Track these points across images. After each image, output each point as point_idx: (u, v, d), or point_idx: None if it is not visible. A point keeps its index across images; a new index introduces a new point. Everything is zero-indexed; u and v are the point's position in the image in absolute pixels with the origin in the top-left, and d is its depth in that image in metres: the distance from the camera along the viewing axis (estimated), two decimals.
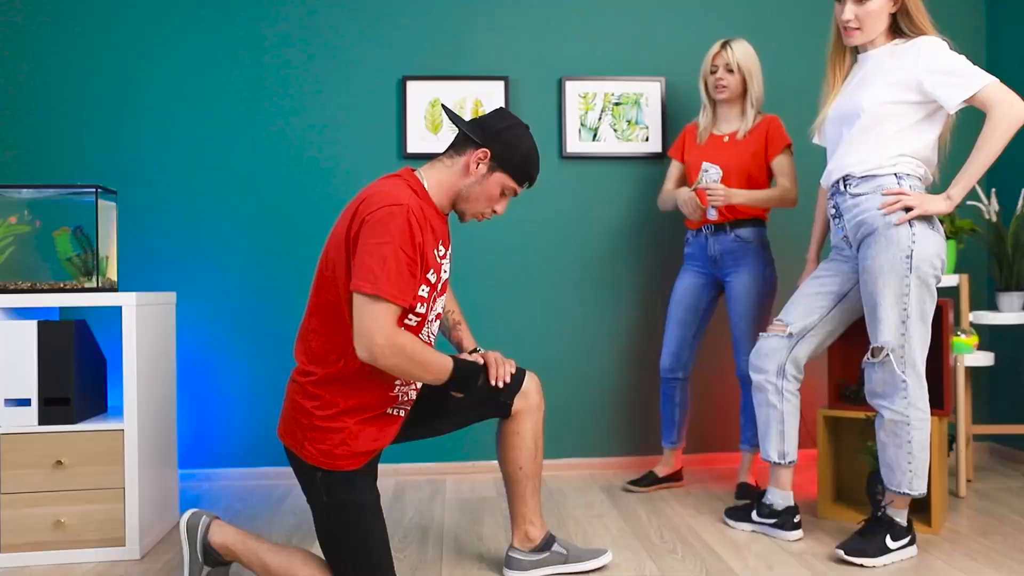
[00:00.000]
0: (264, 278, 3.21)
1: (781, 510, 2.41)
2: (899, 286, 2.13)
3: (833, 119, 2.33)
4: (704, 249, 2.87)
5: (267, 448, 3.21)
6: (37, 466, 2.27)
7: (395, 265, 1.67)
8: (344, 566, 1.77)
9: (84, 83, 3.16)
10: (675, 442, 2.99)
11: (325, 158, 3.24)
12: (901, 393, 2.17)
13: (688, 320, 2.91)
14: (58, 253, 2.48)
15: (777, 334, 2.41)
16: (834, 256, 2.41)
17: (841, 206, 2.29)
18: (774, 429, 2.43)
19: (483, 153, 1.86)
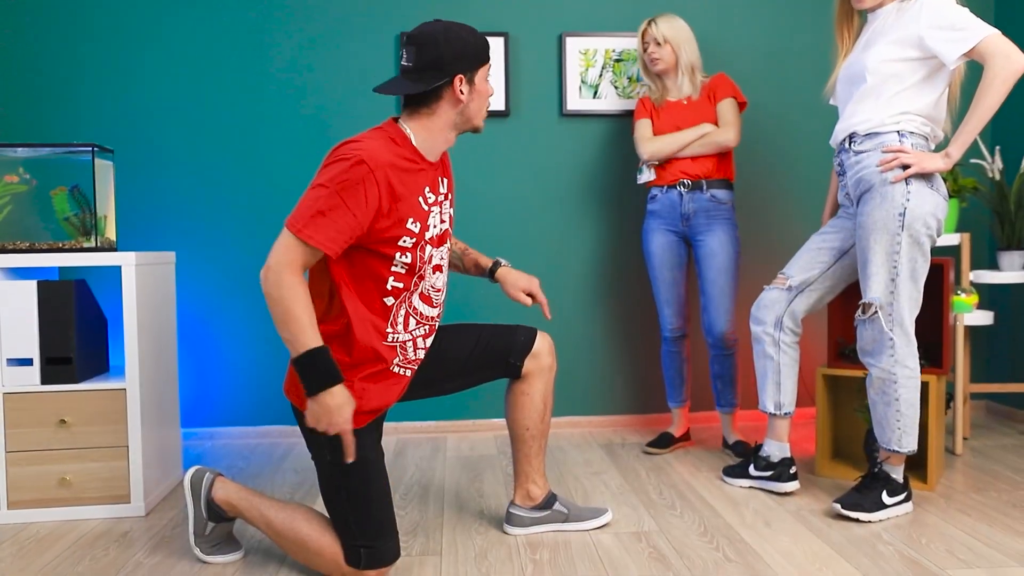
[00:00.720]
0: (263, 236, 3.20)
1: (777, 462, 2.44)
2: (890, 243, 2.14)
3: (842, 80, 2.34)
4: (676, 206, 2.86)
5: (268, 407, 3.23)
6: (41, 424, 2.29)
7: (325, 208, 1.63)
8: (346, 522, 1.79)
9: (81, 40, 3.12)
10: (685, 400, 3.01)
11: (324, 117, 3.21)
12: (888, 351, 2.19)
13: (678, 279, 2.92)
14: (56, 213, 2.47)
15: (777, 287, 2.43)
16: (840, 213, 2.43)
17: (845, 163, 2.30)
18: (770, 380, 2.45)
19: (459, 80, 1.78)
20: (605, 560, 1.95)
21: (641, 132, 2.88)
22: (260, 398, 3.23)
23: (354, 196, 1.66)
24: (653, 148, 2.83)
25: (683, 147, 2.80)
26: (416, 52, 1.75)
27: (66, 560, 2.01)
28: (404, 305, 1.84)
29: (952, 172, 3.00)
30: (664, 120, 2.86)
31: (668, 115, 2.86)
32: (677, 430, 3.00)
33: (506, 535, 2.13)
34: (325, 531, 1.83)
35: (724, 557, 1.96)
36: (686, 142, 2.80)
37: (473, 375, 2.04)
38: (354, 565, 1.79)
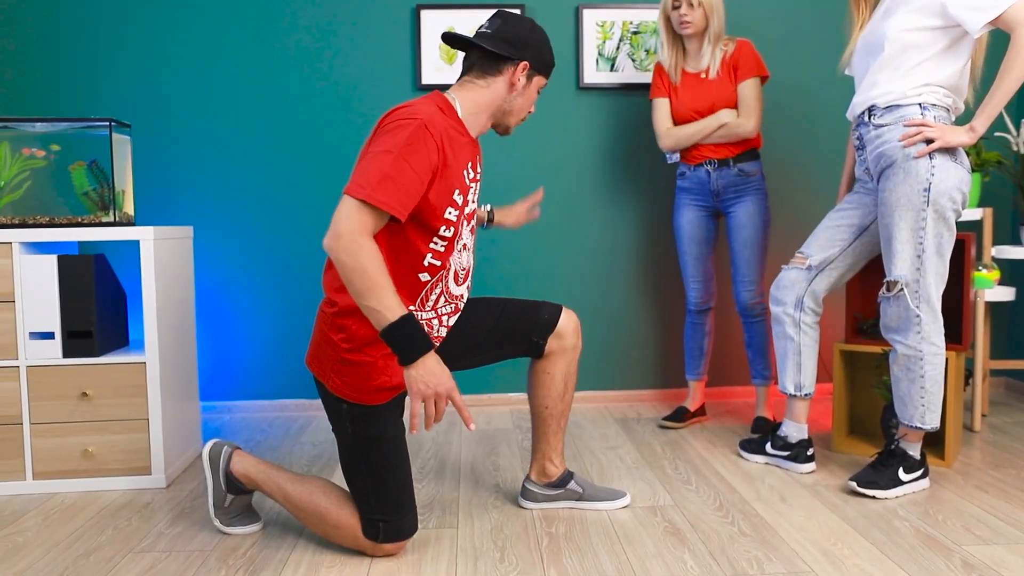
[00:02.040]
0: (281, 210, 3.21)
1: (795, 443, 2.44)
2: (915, 219, 2.11)
3: (860, 51, 2.28)
4: (705, 183, 2.84)
5: (286, 380, 3.26)
6: (63, 397, 2.32)
7: (392, 172, 1.60)
8: (365, 495, 1.81)
9: (98, 15, 3.11)
10: (702, 374, 3.01)
11: (340, 89, 3.20)
12: (915, 328, 2.16)
13: (705, 254, 2.91)
14: (75, 188, 2.48)
15: (797, 266, 2.40)
16: (858, 189, 2.38)
17: (864, 137, 2.25)
18: (791, 361, 2.43)
19: (523, 66, 1.83)
20: (620, 534, 1.97)
21: (659, 121, 2.85)
22: (277, 371, 3.25)
23: (418, 158, 1.64)
24: (671, 142, 2.82)
25: (702, 139, 2.78)
26: (501, 23, 1.82)
27: (90, 529, 2.04)
28: (440, 283, 1.83)
29: (976, 146, 2.95)
30: (682, 100, 2.81)
31: (686, 94, 2.80)
32: (692, 404, 3.01)
33: (522, 509, 2.14)
34: (343, 504, 1.85)
35: (739, 532, 1.97)
36: (704, 134, 2.76)
37: (494, 351, 2.03)
38: (372, 538, 1.81)
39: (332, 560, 1.84)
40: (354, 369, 1.77)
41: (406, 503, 1.83)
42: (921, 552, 1.83)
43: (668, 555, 1.84)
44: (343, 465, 1.84)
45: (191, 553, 1.89)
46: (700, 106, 2.78)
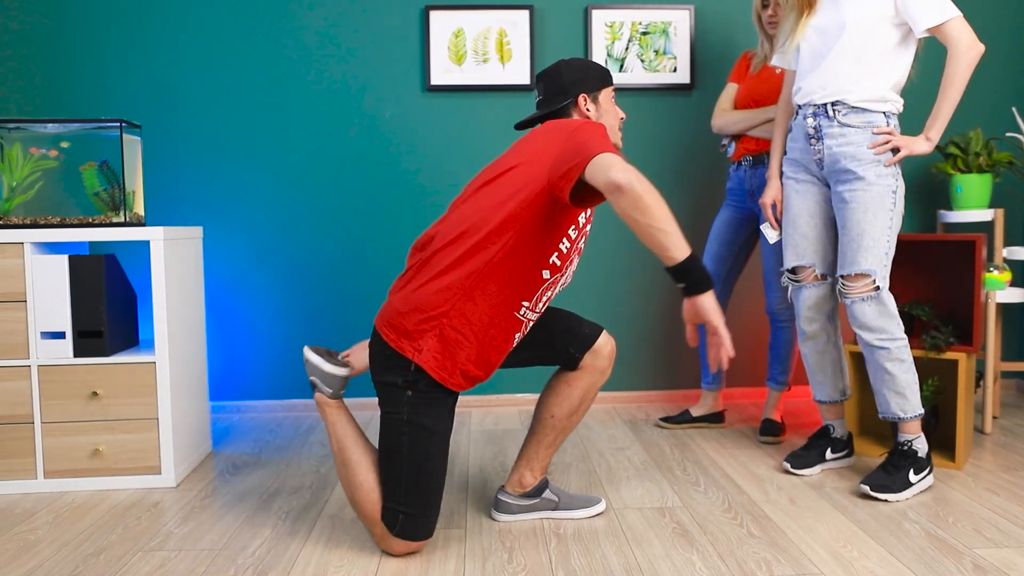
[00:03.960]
0: (290, 211, 3.22)
1: (847, 439, 2.49)
2: (887, 218, 2.20)
3: (813, 38, 2.29)
4: (742, 182, 2.83)
5: (295, 380, 3.27)
6: (74, 396, 2.33)
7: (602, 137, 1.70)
8: (397, 484, 1.80)
9: (107, 16, 3.13)
10: (711, 383, 2.97)
11: (349, 89, 3.20)
12: (895, 320, 2.21)
13: (723, 255, 2.89)
14: (85, 188, 2.50)
15: (814, 283, 2.39)
16: (801, 176, 2.38)
17: (824, 129, 2.27)
18: (834, 370, 2.46)
19: (582, 98, 1.97)
20: (629, 535, 1.96)
21: (720, 101, 2.87)
22: (287, 372, 3.26)
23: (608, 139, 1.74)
24: (720, 123, 2.84)
25: (748, 128, 2.77)
26: (544, 86, 2.00)
27: (100, 528, 2.05)
28: (552, 289, 1.87)
29: (987, 146, 2.94)
30: (749, 87, 2.82)
31: (755, 83, 2.81)
32: (698, 410, 2.97)
33: None
34: (377, 487, 1.86)
35: (748, 533, 1.96)
36: (752, 123, 2.76)
37: (530, 353, 2.02)
38: (388, 527, 1.82)
39: (340, 560, 1.85)
40: (452, 347, 1.77)
41: (433, 505, 1.83)
42: (931, 555, 1.82)
43: (676, 556, 1.84)
44: (382, 448, 1.83)
45: (200, 552, 1.90)
46: (758, 95, 2.78)
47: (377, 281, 3.26)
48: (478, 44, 3.18)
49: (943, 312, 2.68)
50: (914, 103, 3.33)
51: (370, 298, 3.26)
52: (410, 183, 3.24)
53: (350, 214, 3.23)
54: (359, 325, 3.26)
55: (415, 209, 3.25)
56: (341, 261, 3.25)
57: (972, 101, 3.36)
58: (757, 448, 2.69)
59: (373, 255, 3.25)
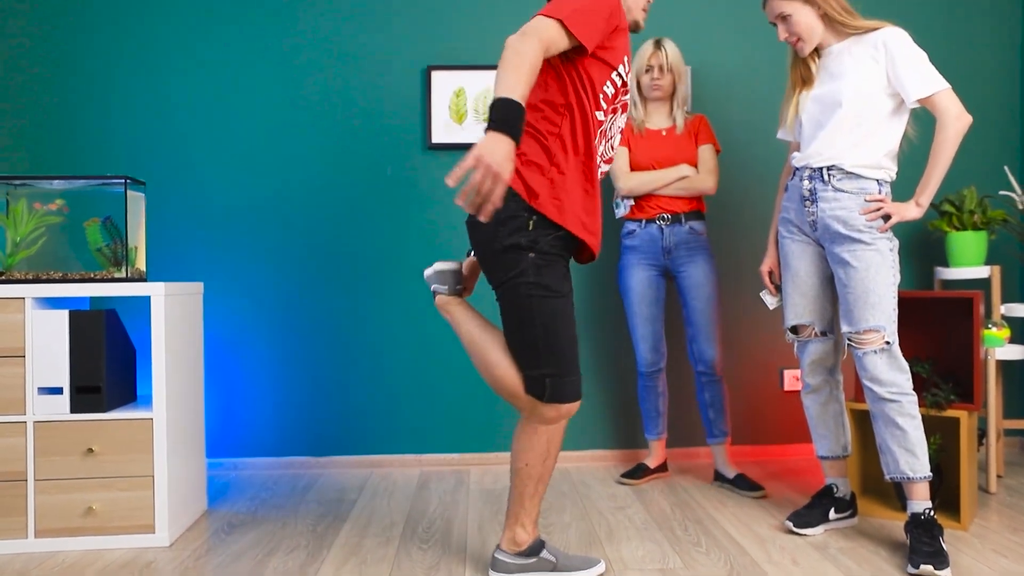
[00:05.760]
0: (291, 268, 3.24)
1: (851, 499, 2.47)
2: (889, 275, 2.23)
3: (813, 108, 2.35)
4: (657, 241, 2.87)
5: (292, 437, 3.24)
6: (69, 453, 2.31)
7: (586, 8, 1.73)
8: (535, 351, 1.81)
9: (113, 74, 3.20)
10: (661, 432, 3.02)
11: (350, 148, 3.25)
12: (906, 375, 2.21)
13: (656, 314, 2.93)
14: (89, 244, 2.52)
15: (816, 339, 2.41)
16: (796, 237, 2.41)
17: (819, 193, 2.31)
18: (836, 425, 2.47)
19: None
20: None
21: (619, 165, 2.88)
22: (284, 428, 3.24)
23: (608, 7, 1.78)
24: (631, 185, 2.85)
25: (662, 187, 2.84)
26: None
27: None
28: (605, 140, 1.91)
29: (981, 205, 2.97)
30: (643, 150, 2.88)
31: (648, 145, 2.88)
32: (652, 461, 3.03)
33: None
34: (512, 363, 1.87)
35: None
36: (665, 182, 2.83)
37: None
38: (536, 395, 1.82)
39: None
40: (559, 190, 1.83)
41: (574, 363, 1.85)
42: None
43: None
44: (511, 322, 1.84)
45: None
46: (661, 157, 2.86)
47: (377, 338, 3.26)
48: (479, 103, 3.25)
49: (943, 369, 2.68)
50: (907, 166, 3.38)
51: (370, 355, 3.26)
52: (411, 240, 3.26)
53: (350, 270, 3.25)
54: (359, 382, 3.25)
55: (416, 266, 3.27)
56: (341, 318, 3.25)
57: (966, 160, 3.41)
58: (759, 507, 2.66)
59: (373, 312, 3.26)
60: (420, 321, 3.27)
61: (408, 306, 3.27)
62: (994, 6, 3.42)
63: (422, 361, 3.28)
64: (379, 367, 3.27)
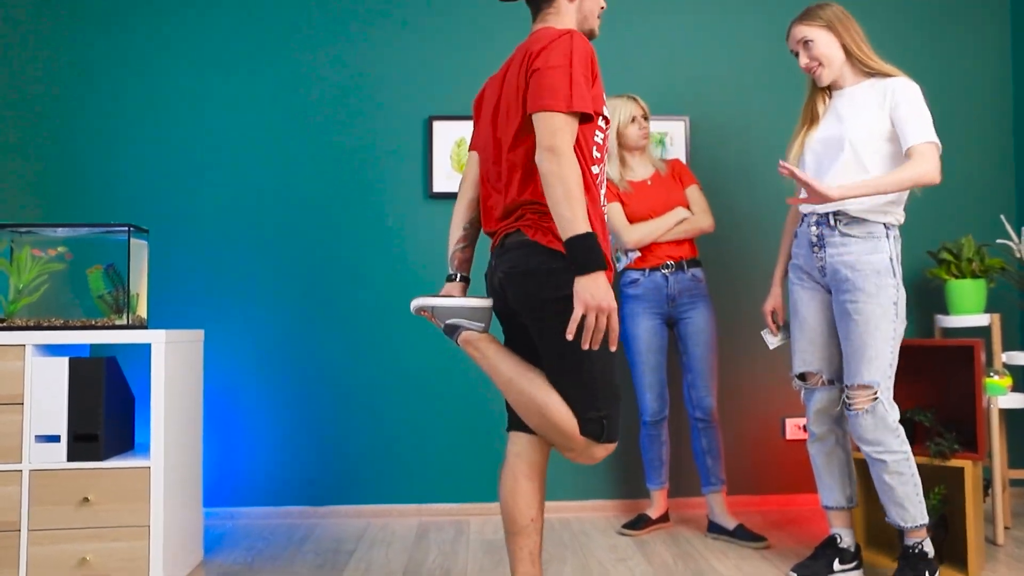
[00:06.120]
0: (290, 316, 3.24)
1: (856, 551, 2.43)
2: (889, 329, 2.22)
3: (816, 150, 2.38)
4: (662, 288, 2.89)
5: (289, 487, 3.20)
6: (64, 503, 2.28)
7: (574, 79, 1.73)
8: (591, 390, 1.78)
9: (117, 122, 3.25)
10: (663, 482, 2.99)
11: (352, 198, 3.28)
12: (895, 433, 2.21)
13: (660, 362, 2.93)
14: (91, 291, 2.53)
15: (822, 388, 2.40)
16: (805, 283, 2.42)
17: (826, 238, 2.32)
18: (841, 475, 2.44)
19: None
20: None
21: (618, 220, 2.90)
22: (282, 477, 3.21)
23: (586, 61, 1.78)
24: (638, 236, 2.87)
25: (665, 233, 2.87)
26: None
27: None
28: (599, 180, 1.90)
29: (979, 253, 2.99)
30: (637, 203, 2.91)
31: (639, 196, 2.92)
32: (654, 512, 2.99)
33: None
34: (566, 405, 1.81)
35: None
36: (667, 228, 2.87)
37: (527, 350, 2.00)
38: (594, 436, 1.79)
39: None
40: None
41: (620, 403, 1.84)
42: None
43: None
44: (567, 367, 1.80)
45: None
46: (655, 204, 2.89)
47: (375, 387, 3.24)
48: None
49: (945, 418, 2.66)
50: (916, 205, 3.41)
51: (368, 403, 3.24)
52: (411, 289, 3.28)
53: (350, 319, 3.26)
54: (357, 431, 3.23)
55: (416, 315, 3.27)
56: (339, 366, 3.24)
57: (962, 209, 3.44)
58: (761, 558, 2.62)
59: (372, 360, 3.25)
60: (419, 370, 3.27)
61: (407, 355, 3.27)
62: (986, 61, 3.48)
63: (421, 410, 3.26)
64: (377, 416, 3.25)
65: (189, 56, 3.28)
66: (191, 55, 3.28)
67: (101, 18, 3.26)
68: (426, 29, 3.33)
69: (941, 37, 3.48)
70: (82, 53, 3.25)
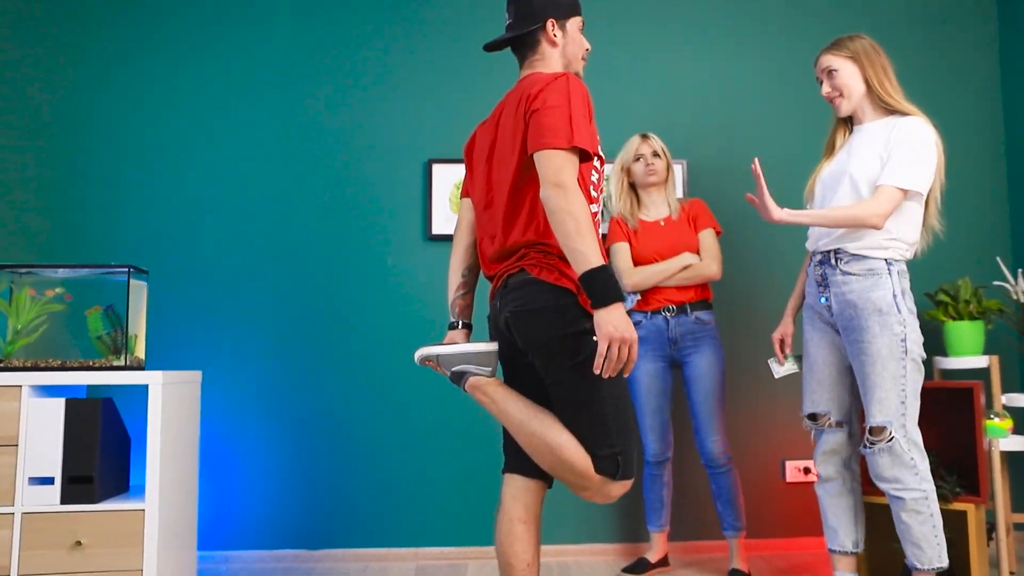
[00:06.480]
0: (288, 358, 3.23)
1: None
2: (896, 368, 2.19)
3: (824, 185, 2.40)
4: (663, 331, 2.87)
5: (284, 530, 3.16)
6: (56, 546, 2.25)
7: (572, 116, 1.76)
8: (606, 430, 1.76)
9: (118, 164, 3.28)
10: (663, 525, 2.95)
11: (352, 240, 3.30)
12: (912, 471, 2.17)
13: (662, 405, 2.90)
14: (89, 331, 2.52)
15: (831, 430, 2.38)
16: (816, 324, 2.42)
17: (829, 278, 2.32)
18: (847, 518, 2.40)
19: (551, 23, 1.97)
20: None
21: (622, 262, 2.90)
22: (277, 520, 3.17)
23: (583, 101, 1.80)
24: (637, 280, 2.86)
25: (667, 278, 2.84)
26: (514, 8, 2.00)
27: None
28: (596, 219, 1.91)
29: (976, 294, 3.00)
30: (643, 243, 2.90)
31: (647, 238, 2.90)
32: (654, 555, 2.94)
33: None
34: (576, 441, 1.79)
35: None
36: (670, 273, 2.83)
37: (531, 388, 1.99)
38: (609, 474, 1.76)
39: None
40: None
41: (634, 439, 1.82)
42: None
43: None
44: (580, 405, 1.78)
45: None
46: (662, 248, 2.86)
47: (372, 429, 3.23)
48: None
49: (946, 460, 2.65)
50: None
51: (365, 446, 3.22)
52: (410, 330, 3.28)
53: (347, 361, 3.25)
54: (354, 474, 3.20)
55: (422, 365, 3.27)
56: (337, 408, 3.23)
57: (959, 251, 3.46)
58: None
59: (371, 402, 3.24)
60: (417, 413, 3.25)
61: (405, 398, 3.25)
62: (979, 104, 3.53)
63: (418, 453, 3.24)
64: (374, 458, 3.22)
65: (190, 100, 3.32)
66: (192, 98, 3.32)
67: (102, 58, 3.32)
68: (426, 73, 3.39)
69: (933, 80, 3.53)
70: (84, 94, 3.30)
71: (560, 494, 3.26)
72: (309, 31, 3.38)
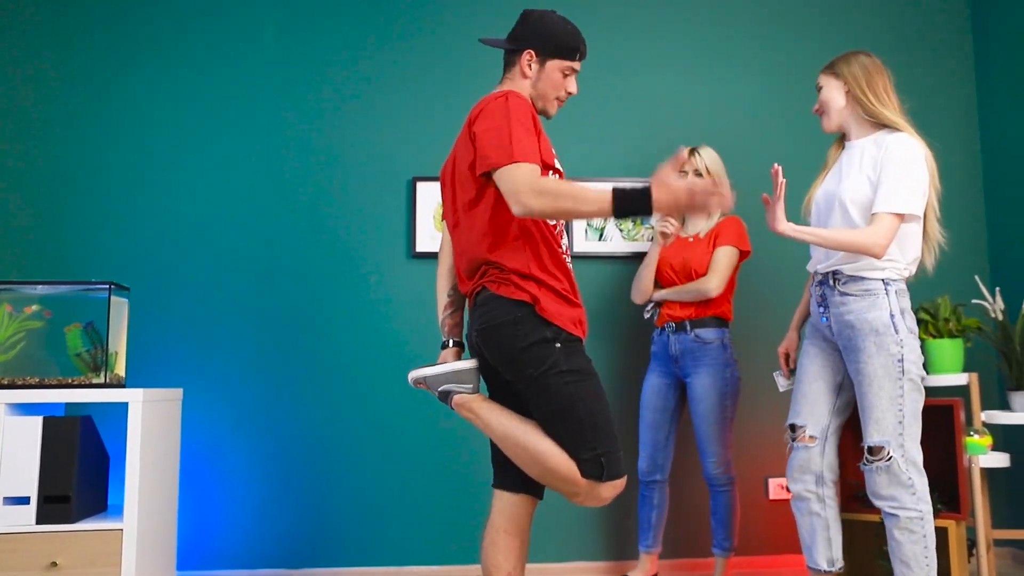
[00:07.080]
0: (271, 377, 3.21)
1: None
2: (893, 388, 2.19)
3: (819, 206, 2.41)
4: (666, 348, 2.89)
5: (266, 549, 3.13)
6: (30, 568, 2.22)
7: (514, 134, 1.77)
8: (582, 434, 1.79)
9: (99, 180, 3.26)
10: (651, 546, 2.93)
11: (335, 257, 3.30)
12: (910, 490, 2.17)
13: (659, 422, 2.89)
14: (68, 349, 2.50)
15: (804, 445, 2.38)
16: (816, 340, 2.42)
17: (829, 298, 2.33)
18: (820, 537, 2.38)
19: (528, 55, 1.97)
20: None
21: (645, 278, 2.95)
22: (258, 540, 3.13)
23: (525, 118, 1.82)
24: (634, 291, 2.96)
25: (669, 293, 2.87)
26: (517, 22, 2.02)
27: None
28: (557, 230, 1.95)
29: (955, 313, 3.03)
30: (665, 257, 2.93)
31: (670, 252, 2.93)
32: (640, 574, 2.92)
33: None
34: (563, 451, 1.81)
35: None
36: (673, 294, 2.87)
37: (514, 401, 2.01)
38: (595, 476, 1.78)
39: None
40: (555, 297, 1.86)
41: (617, 438, 1.84)
42: None
43: None
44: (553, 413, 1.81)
45: None
46: (676, 263, 2.88)
47: (355, 446, 3.21)
48: None
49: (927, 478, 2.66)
50: None
51: (348, 463, 3.20)
52: (392, 348, 3.27)
53: (329, 378, 3.23)
54: (337, 492, 3.18)
55: (398, 373, 3.26)
56: (319, 425, 3.21)
57: (938, 269, 3.50)
58: None
59: (355, 421, 3.22)
60: (399, 430, 3.23)
61: (387, 415, 3.24)
62: (955, 127, 3.59)
63: (401, 470, 3.22)
64: (357, 477, 3.20)
65: (173, 117, 3.32)
66: (175, 116, 3.32)
67: (85, 76, 3.31)
68: (410, 91, 3.40)
69: (910, 99, 3.58)
70: (65, 111, 3.28)
71: (544, 512, 3.25)
72: (293, 50, 3.39)
